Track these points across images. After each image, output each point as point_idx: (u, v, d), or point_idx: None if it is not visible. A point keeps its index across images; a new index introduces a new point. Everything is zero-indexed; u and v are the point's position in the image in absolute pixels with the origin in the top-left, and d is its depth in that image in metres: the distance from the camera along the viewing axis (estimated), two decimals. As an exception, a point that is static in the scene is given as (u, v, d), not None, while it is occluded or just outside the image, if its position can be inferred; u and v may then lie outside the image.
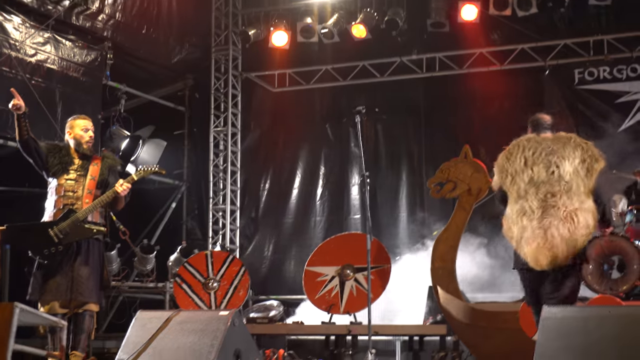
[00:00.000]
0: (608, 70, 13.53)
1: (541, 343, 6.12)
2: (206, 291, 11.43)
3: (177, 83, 15.88)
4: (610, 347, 5.90)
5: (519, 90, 13.99)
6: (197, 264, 11.66)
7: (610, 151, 12.06)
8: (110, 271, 13.39)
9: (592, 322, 6.09)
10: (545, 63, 13.75)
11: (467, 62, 14.25)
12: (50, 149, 8.35)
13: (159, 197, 15.41)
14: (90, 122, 8.54)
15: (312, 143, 15.21)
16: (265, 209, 15.31)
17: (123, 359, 7.39)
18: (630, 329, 5.95)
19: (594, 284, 9.76)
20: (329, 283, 11.06)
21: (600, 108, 13.38)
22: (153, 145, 14.57)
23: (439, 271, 10.01)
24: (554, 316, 6.24)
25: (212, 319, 7.38)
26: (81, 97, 13.30)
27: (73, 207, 8.11)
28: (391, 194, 14.56)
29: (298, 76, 15.34)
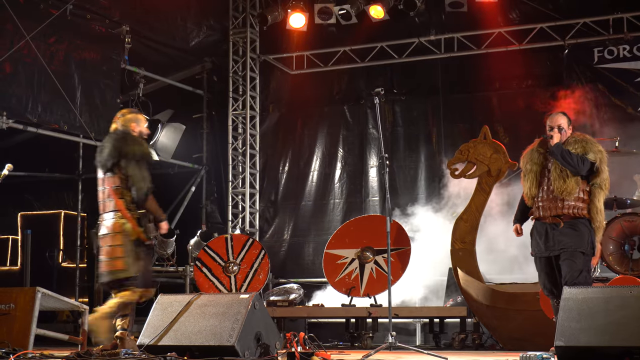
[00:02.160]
0: (628, 49, 13.41)
1: (562, 323, 6.12)
2: (226, 274, 11.47)
3: (195, 66, 15.86)
4: (631, 326, 5.89)
5: (538, 69, 13.90)
6: (217, 248, 11.70)
7: (630, 130, 12.11)
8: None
9: (613, 303, 6.09)
10: (565, 42, 13.65)
11: (486, 42, 14.15)
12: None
13: (178, 181, 15.41)
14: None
15: (331, 125, 15.18)
16: (285, 192, 15.30)
17: (144, 343, 7.42)
18: (651, 309, 5.94)
19: (615, 264, 9.73)
20: (348, 266, 11.09)
21: (620, 87, 13.25)
22: (172, 129, 14.55)
23: (459, 253, 10.02)
24: (575, 297, 6.23)
25: (233, 302, 7.40)
26: (100, 81, 13.32)
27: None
28: (410, 176, 14.51)
29: (316, 58, 15.30)
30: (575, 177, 8.02)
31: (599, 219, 8.06)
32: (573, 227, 8.00)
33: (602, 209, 8.13)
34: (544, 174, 8.24)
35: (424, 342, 12.30)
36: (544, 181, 8.20)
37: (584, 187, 8.07)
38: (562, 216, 8.01)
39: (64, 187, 16.36)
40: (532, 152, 8.34)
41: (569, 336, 6.05)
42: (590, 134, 11.97)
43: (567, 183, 8.02)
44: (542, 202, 8.16)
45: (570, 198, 8.00)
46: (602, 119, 12.99)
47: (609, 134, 11.70)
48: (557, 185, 8.03)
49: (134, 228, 7.85)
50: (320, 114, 15.37)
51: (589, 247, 7.94)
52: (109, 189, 7.97)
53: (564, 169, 8.07)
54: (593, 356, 5.88)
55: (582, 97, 13.18)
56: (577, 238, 7.92)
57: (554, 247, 7.99)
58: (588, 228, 8.00)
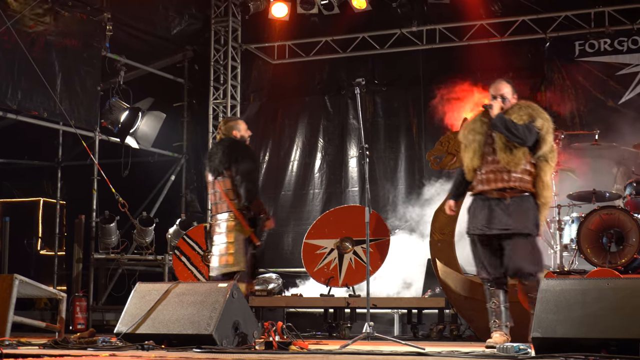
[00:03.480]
0: (609, 43, 13.45)
1: (539, 315, 6.13)
2: (205, 264, 11.45)
3: (177, 55, 15.81)
4: (608, 318, 5.91)
5: (519, 62, 13.94)
6: (196, 237, 11.68)
7: (610, 123, 12.16)
8: (108, 243, 13.43)
9: (590, 295, 6.09)
10: (546, 35, 13.68)
11: (468, 34, 14.17)
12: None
13: (158, 169, 15.40)
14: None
15: (311, 115, 15.17)
16: (264, 182, 15.25)
17: (122, 331, 7.39)
18: (628, 301, 5.95)
19: (592, 257, 9.77)
20: (327, 256, 11.09)
21: (600, 80, 13.30)
22: (152, 117, 14.51)
23: (438, 244, 10.02)
24: (553, 289, 6.24)
25: (211, 291, 7.37)
26: (81, 68, 13.29)
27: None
28: (390, 167, 14.52)
29: (298, 48, 15.28)
30: (523, 148, 7.63)
31: (546, 195, 7.76)
32: (519, 204, 7.67)
33: (550, 184, 7.86)
34: (487, 144, 7.84)
35: (401, 333, 12.32)
36: (488, 152, 7.80)
37: (530, 159, 7.71)
38: (508, 190, 7.67)
39: (43, 174, 16.29)
40: (475, 122, 8.00)
41: (545, 327, 6.05)
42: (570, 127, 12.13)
43: (515, 153, 7.63)
44: (486, 175, 7.79)
45: (517, 170, 7.63)
46: (582, 112, 13.03)
47: (589, 127, 11.75)
48: (503, 157, 7.64)
49: (246, 228, 8.59)
50: (301, 103, 15.35)
51: (534, 226, 7.69)
52: (220, 192, 8.73)
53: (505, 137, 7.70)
54: (570, 348, 5.88)
55: (563, 90, 13.23)
56: (522, 218, 7.64)
57: (497, 225, 7.68)
58: (533, 205, 7.71)
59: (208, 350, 6.68)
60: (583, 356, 5.62)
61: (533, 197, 7.72)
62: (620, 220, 9.79)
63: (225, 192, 8.65)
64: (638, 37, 13.28)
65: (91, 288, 13.48)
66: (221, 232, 8.68)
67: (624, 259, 9.65)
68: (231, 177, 8.60)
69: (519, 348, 6.39)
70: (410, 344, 7.56)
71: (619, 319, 5.88)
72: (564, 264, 10.16)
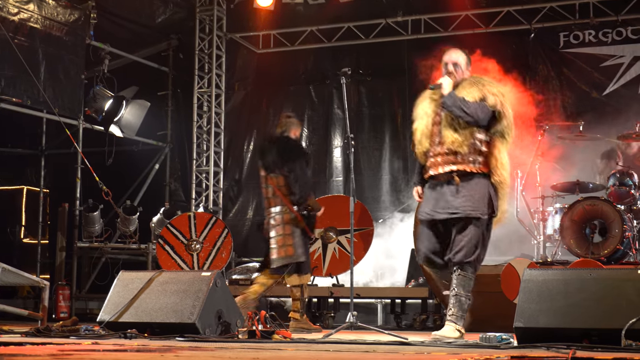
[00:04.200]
0: (593, 34, 13.49)
1: (522, 305, 6.15)
2: (189, 252, 11.45)
3: (161, 43, 15.77)
4: (590, 309, 5.93)
5: (505, 53, 13.89)
6: (180, 226, 11.66)
7: (594, 115, 12.19)
8: (92, 232, 13.40)
9: (572, 285, 6.11)
10: (531, 26, 13.69)
11: (453, 24, 14.18)
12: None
13: (142, 158, 15.37)
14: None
15: (296, 105, 15.13)
16: (249, 171, 15.26)
17: (105, 319, 7.38)
18: (610, 292, 5.97)
19: (575, 247, 9.80)
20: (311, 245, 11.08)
21: (585, 71, 13.33)
22: (137, 106, 14.48)
23: (422, 234, 10.00)
24: (535, 279, 6.26)
25: (194, 280, 7.37)
26: (64, 56, 13.22)
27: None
28: (374, 157, 14.52)
29: (282, 37, 15.26)
30: (470, 127, 7.11)
31: (501, 172, 7.16)
32: (469, 185, 7.13)
33: (506, 162, 7.22)
34: (435, 124, 7.30)
35: (385, 323, 12.33)
36: (436, 133, 7.27)
37: (483, 136, 7.17)
38: (457, 172, 7.14)
39: (27, 162, 16.24)
40: (423, 101, 7.49)
41: (528, 317, 6.07)
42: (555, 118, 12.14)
43: (460, 133, 7.10)
44: (435, 158, 7.25)
45: (464, 150, 7.09)
46: (567, 103, 13.06)
47: (573, 118, 11.77)
48: (449, 137, 7.11)
49: (300, 221, 8.93)
50: (285, 93, 15.33)
51: (487, 208, 7.14)
52: (273, 187, 9.04)
53: (455, 116, 7.14)
54: (552, 337, 5.89)
55: (547, 81, 13.26)
56: (472, 199, 7.10)
57: (444, 209, 7.17)
58: (487, 185, 7.15)
59: (191, 338, 6.67)
60: (565, 346, 5.63)
61: (487, 177, 7.18)
62: (603, 211, 9.81)
63: (278, 188, 8.97)
64: (622, 29, 13.32)
65: (74, 276, 13.44)
66: (277, 224, 8.98)
67: (607, 250, 9.68)
68: (284, 175, 8.94)
69: (501, 338, 6.41)
70: (394, 334, 7.58)
71: (601, 309, 5.91)
72: (547, 255, 10.19)
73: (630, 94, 13.02)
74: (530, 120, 11.63)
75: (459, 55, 7.50)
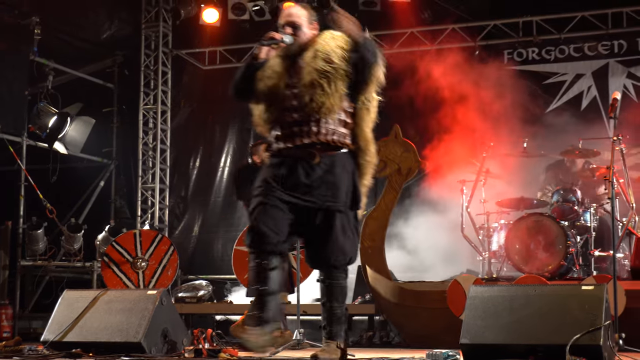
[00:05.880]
0: (537, 52, 13.66)
1: (468, 322, 6.18)
2: (134, 270, 11.36)
3: (106, 59, 15.65)
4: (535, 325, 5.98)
5: (450, 70, 14.00)
6: (125, 243, 11.58)
7: (538, 131, 12.32)
8: (36, 250, 13.24)
9: (517, 301, 6.17)
10: (475, 43, 13.82)
11: (398, 42, 14.25)
12: None
13: (87, 175, 15.23)
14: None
15: (242, 121, 15.07)
16: (195, 188, 15.20)
17: (49, 339, 7.30)
18: (554, 308, 6.04)
19: (520, 263, 9.87)
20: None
21: (529, 89, 13.47)
22: (81, 123, 14.38)
23: (368, 250, 10.05)
24: (481, 295, 6.30)
25: (140, 298, 7.32)
26: (8, 73, 13.10)
27: None
28: (322, 173, 14.51)
29: (229, 54, 15.22)
30: (340, 89, 5.97)
31: (371, 150, 6.14)
32: (331, 166, 5.99)
33: (373, 138, 6.21)
34: (290, 87, 6.12)
35: (332, 340, 12.30)
36: (289, 96, 6.11)
37: (347, 106, 6.09)
38: (319, 145, 6.00)
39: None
40: (273, 61, 6.28)
41: (474, 334, 6.11)
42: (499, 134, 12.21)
43: (330, 96, 5.94)
44: (286, 129, 6.11)
45: (330, 118, 5.98)
46: (510, 120, 13.16)
47: (517, 135, 11.88)
48: (315, 98, 5.93)
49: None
50: (231, 109, 15.26)
51: (348, 198, 6.04)
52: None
53: (325, 74, 5.96)
54: (498, 354, 5.94)
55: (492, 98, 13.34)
56: (335, 186, 5.98)
57: (298, 196, 5.97)
58: (352, 166, 6.08)
59: (137, 358, 6.63)
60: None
61: (352, 157, 6.12)
62: (547, 227, 9.90)
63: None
64: (565, 47, 13.50)
65: (17, 295, 13.27)
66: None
67: (551, 266, 9.76)
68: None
69: (447, 355, 6.44)
70: (340, 351, 7.56)
71: (546, 325, 5.97)
72: (492, 271, 10.25)
73: (572, 111, 13.18)
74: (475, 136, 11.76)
75: (298, 11, 6.40)
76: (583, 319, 5.86)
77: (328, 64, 6.01)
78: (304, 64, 6.11)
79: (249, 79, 6.28)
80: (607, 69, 13.30)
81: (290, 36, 6.22)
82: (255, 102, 6.40)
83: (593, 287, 6.11)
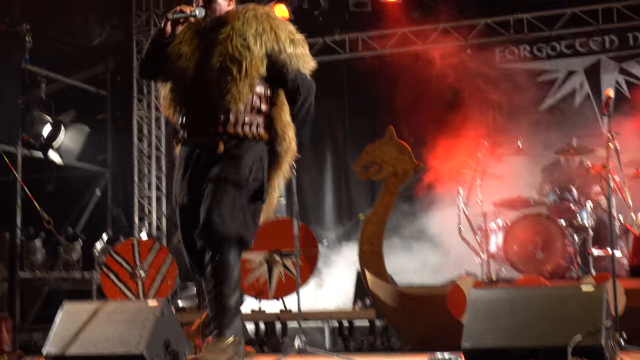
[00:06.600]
0: (528, 49, 13.71)
1: (469, 326, 6.20)
2: (133, 280, 11.35)
3: (99, 66, 15.59)
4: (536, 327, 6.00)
5: (441, 69, 14.03)
6: (123, 252, 11.56)
7: (533, 129, 12.34)
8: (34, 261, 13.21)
9: (518, 303, 6.18)
10: (467, 42, 13.85)
11: (389, 42, 14.27)
12: None
13: (83, 184, 15.18)
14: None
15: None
16: (190, 195, 15.16)
17: (51, 352, 7.29)
18: (555, 309, 6.05)
19: (519, 264, 9.88)
20: (257, 270, 11.04)
21: (521, 86, 13.47)
22: (76, 130, 14.36)
23: (367, 255, 10.04)
24: (482, 298, 6.32)
25: (141, 309, 7.31)
26: (0, 82, 13.05)
27: None
28: (316, 177, 14.50)
29: (220, 58, 15.18)
30: (252, 73, 5.41)
31: (289, 138, 5.70)
32: (237, 151, 5.48)
33: (291, 124, 5.75)
34: (198, 68, 5.52)
35: (333, 346, 12.30)
36: (197, 78, 5.52)
37: (266, 91, 5.61)
38: (224, 136, 5.48)
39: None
40: (185, 35, 5.62)
41: (475, 338, 6.11)
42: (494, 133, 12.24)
43: (239, 82, 5.39)
44: (191, 117, 5.59)
45: (239, 108, 5.44)
46: (505, 118, 13.19)
47: (512, 133, 11.89)
48: (221, 84, 5.39)
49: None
50: (225, 113, 15.26)
51: (250, 177, 5.49)
52: None
53: (235, 58, 5.39)
54: (500, 357, 5.95)
55: (485, 96, 13.38)
56: (237, 165, 5.47)
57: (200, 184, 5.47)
58: (262, 151, 5.60)
59: (139, 370, 6.63)
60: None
61: (266, 145, 5.65)
62: (545, 226, 9.91)
63: None
64: (556, 44, 13.54)
65: (17, 307, 13.25)
66: None
67: (550, 266, 9.77)
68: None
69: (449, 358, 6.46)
70: (343, 357, 7.59)
71: (547, 326, 5.98)
72: (491, 272, 10.25)
73: (566, 108, 13.24)
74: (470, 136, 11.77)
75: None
76: (584, 319, 5.88)
77: (242, 47, 5.44)
78: (215, 43, 5.51)
79: (155, 56, 5.62)
80: (599, 65, 13.36)
81: (203, 9, 5.54)
82: (162, 80, 5.74)
83: (593, 288, 6.12)
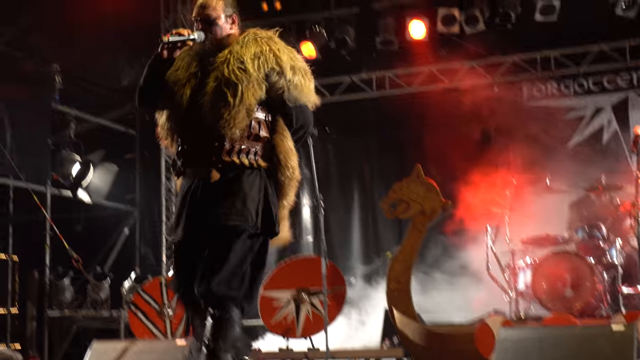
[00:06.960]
0: (556, 86, 13.67)
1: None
2: (161, 318, 11.35)
3: (127, 105, 15.66)
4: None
5: (469, 107, 14.02)
6: (151, 291, 11.57)
7: (561, 167, 12.30)
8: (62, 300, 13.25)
9: (547, 342, 6.14)
10: (494, 79, 13.84)
11: (417, 80, 14.29)
12: None
13: (111, 223, 15.24)
14: None
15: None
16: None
17: (79, 393, 7.31)
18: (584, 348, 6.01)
19: (547, 302, 9.82)
20: (284, 308, 11.02)
21: (549, 124, 13.46)
22: (104, 170, 14.44)
23: (395, 293, 10.00)
24: (511, 338, 6.28)
25: (169, 349, 7.31)
26: (31, 122, 13.16)
27: None
28: (343, 215, 14.48)
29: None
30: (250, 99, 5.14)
31: (292, 165, 5.45)
32: (234, 181, 5.16)
33: (294, 149, 5.55)
34: (195, 94, 5.28)
35: (362, 383, 12.27)
36: (193, 104, 5.26)
37: (267, 117, 5.36)
38: (217, 164, 5.18)
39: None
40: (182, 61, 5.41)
41: (505, 377, 6.09)
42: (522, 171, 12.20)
43: (233, 108, 5.09)
44: (187, 145, 5.32)
45: (234, 134, 5.14)
46: (533, 156, 13.14)
47: (540, 171, 11.86)
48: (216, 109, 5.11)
49: None
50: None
51: (258, 219, 5.18)
52: None
53: (230, 82, 5.13)
54: (529, 397, 5.93)
55: (513, 134, 13.34)
56: (237, 203, 5.12)
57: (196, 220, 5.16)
58: (262, 181, 5.29)
59: (168, 411, 6.62)
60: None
61: (267, 174, 5.36)
62: (573, 264, 9.87)
63: None
64: (583, 80, 13.50)
65: (45, 346, 13.27)
66: None
67: (579, 304, 9.72)
68: None
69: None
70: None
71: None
72: (520, 311, 10.18)
73: (594, 145, 13.19)
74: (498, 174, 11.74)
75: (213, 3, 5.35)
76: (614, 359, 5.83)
77: (238, 70, 5.21)
78: (211, 68, 5.29)
79: (152, 82, 5.47)
80: (627, 102, 13.30)
81: (202, 32, 5.34)
82: (160, 108, 5.55)
83: (623, 327, 6.07)
